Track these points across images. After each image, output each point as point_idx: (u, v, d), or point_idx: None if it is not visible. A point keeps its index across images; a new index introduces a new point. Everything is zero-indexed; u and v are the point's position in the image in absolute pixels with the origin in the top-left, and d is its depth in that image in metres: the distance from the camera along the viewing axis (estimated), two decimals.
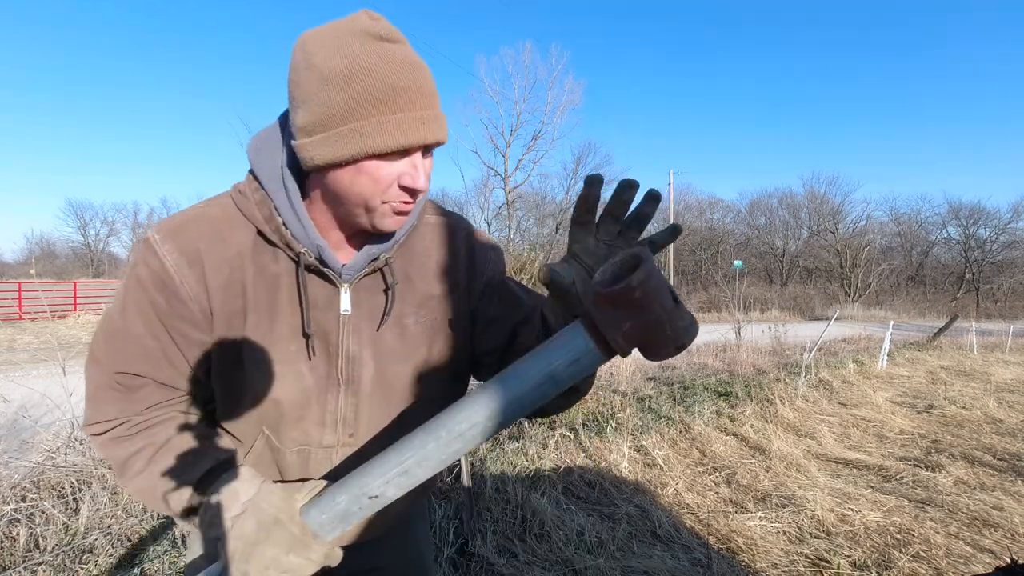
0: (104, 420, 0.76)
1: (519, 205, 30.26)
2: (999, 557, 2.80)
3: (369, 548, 0.91)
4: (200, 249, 0.73)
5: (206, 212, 0.76)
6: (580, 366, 0.65)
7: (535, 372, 0.66)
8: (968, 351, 11.75)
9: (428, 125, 0.69)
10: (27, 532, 2.29)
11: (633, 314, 0.60)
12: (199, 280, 0.73)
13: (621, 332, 0.62)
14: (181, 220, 0.75)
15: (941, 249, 42.05)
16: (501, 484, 3.03)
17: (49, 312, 14.02)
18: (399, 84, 0.66)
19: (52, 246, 43.95)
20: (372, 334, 0.81)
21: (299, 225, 0.73)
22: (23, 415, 3.11)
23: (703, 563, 2.65)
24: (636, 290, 0.59)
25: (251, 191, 0.75)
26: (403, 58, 0.68)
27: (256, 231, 0.76)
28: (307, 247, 0.74)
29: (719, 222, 44.98)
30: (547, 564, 2.52)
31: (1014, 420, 5.76)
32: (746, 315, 11.05)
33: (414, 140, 0.68)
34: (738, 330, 9.24)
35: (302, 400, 0.79)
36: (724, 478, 3.77)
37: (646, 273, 0.59)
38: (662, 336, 0.61)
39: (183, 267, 0.72)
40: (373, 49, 0.66)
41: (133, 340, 0.74)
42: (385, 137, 0.66)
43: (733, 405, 5.54)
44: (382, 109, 0.66)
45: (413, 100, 0.67)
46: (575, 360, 0.65)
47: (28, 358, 7.49)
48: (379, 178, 0.69)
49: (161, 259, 0.72)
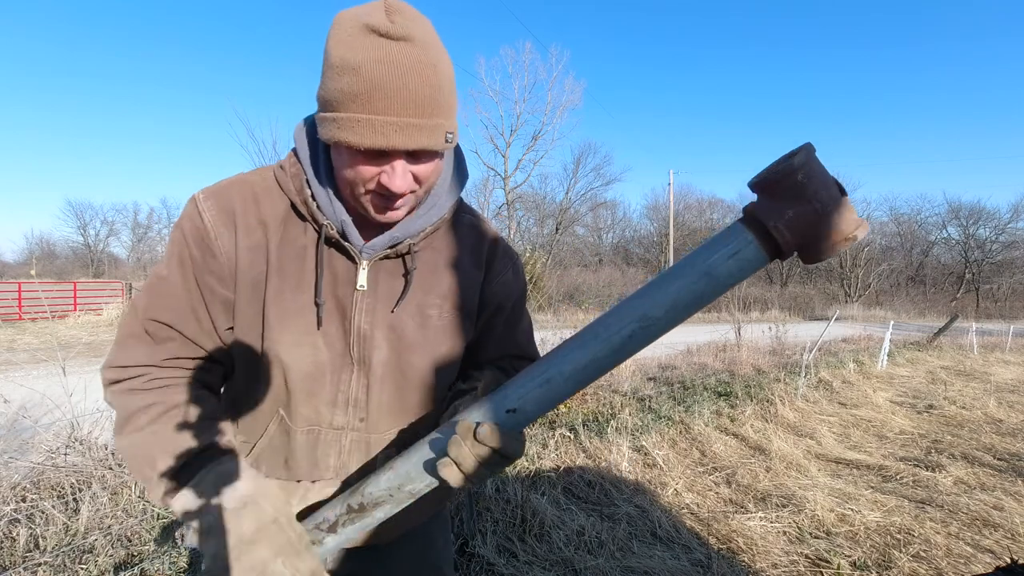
0: (126, 365, 0.76)
1: (519, 205, 30.28)
2: (999, 557, 2.80)
3: (386, 552, 0.91)
4: (236, 210, 0.77)
5: (248, 179, 0.81)
6: (739, 261, 0.60)
7: (691, 269, 0.61)
8: (968, 351, 11.75)
9: (404, 132, 0.66)
10: (27, 532, 2.29)
11: (796, 202, 0.56)
12: (231, 238, 0.77)
13: (783, 219, 0.57)
14: (225, 183, 0.80)
15: (941, 249, 42.10)
16: (501, 484, 3.02)
17: (49, 312, 14.01)
18: (382, 85, 0.65)
19: (52, 246, 43.98)
20: (387, 316, 0.81)
21: (327, 199, 0.77)
22: (23, 415, 3.11)
23: (703, 563, 2.65)
24: (797, 172, 0.56)
25: (289, 165, 0.80)
26: (401, 59, 0.65)
27: (290, 203, 0.79)
28: (331, 221, 0.77)
29: (719, 222, 44.94)
30: (547, 564, 2.52)
31: (1014, 420, 5.76)
32: (746, 315, 11.06)
33: (383, 144, 0.66)
34: (738, 330, 9.24)
35: (315, 373, 0.79)
36: (724, 478, 3.77)
37: (807, 155, 0.56)
38: (827, 225, 0.57)
39: (219, 225, 0.76)
40: (371, 45, 0.65)
41: (168, 289, 0.77)
42: (354, 135, 0.67)
43: (733, 405, 5.53)
44: (357, 108, 0.66)
45: (392, 104, 0.65)
46: (735, 253, 0.60)
47: (28, 358, 7.48)
48: (358, 170, 0.71)
49: (202, 215, 0.76)
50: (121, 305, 14.46)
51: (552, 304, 15.53)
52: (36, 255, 41.33)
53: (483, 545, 2.55)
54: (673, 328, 0.64)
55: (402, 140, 0.67)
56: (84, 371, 6.14)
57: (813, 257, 0.59)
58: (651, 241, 42.91)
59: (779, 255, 0.60)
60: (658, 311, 0.62)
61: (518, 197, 30.45)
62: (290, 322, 0.77)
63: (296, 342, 0.78)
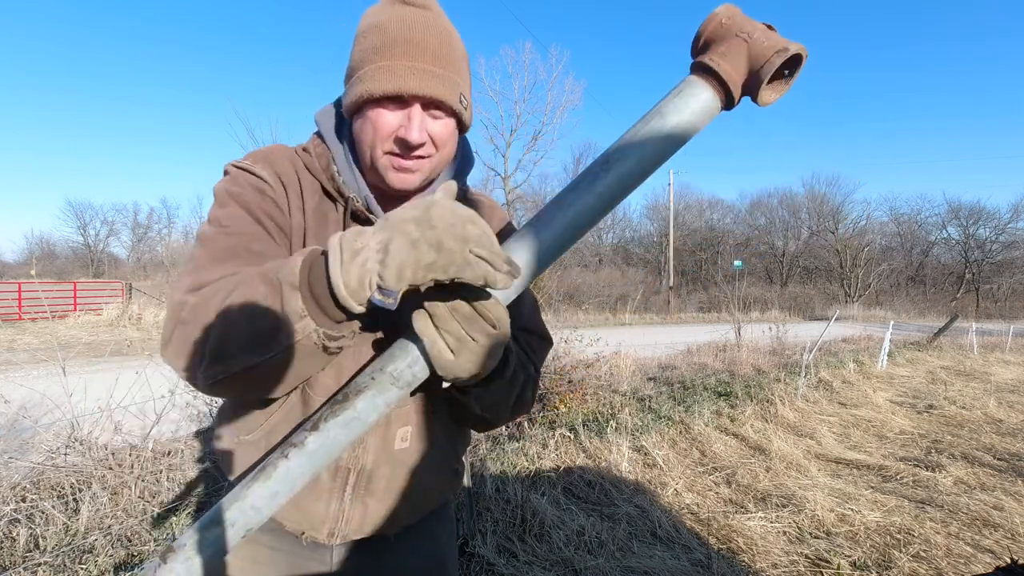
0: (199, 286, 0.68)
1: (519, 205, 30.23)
2: (999, 557, 2.80)
3: (392, 546, 0.90)
4: (282, 173, 0.81)
5: (285, 150, 0.84)
6: (685, 97, 0.64)
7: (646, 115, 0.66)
8: (968, 351, 11.75)
9: (420, 76, 0.72)
10: (27, 532, 2.29)
11: (724, 40, 0.62)
12: (284, 196, 0.80)
13: (717, 52, 0.62)
14: (267, 150, 0.83)
15: (941, 249, 42.09)
16: (501, 484, 3.02)
17: (49, 312, 13.99)
18: (400, 37, 0.72)
19: (52, 246, 43.93)
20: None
21: (351, 175, 0.81)
22: (23, 415, 3.11)
23: (703, 563, 2.64)
24: (720, 17, 0.62)
25: (313, 147, 0.83)
26: (417, 19, 0.74)
27: (320, 185, 0.83)
28: (356, 195, 0.81)
29: (719, 222, 45.01)
30: (547, 564, 2.52)
31: (1014, 420, 5.76)
32: (746, 315, 11.06)
33: (400, 87, 0.71)
34: (738, 330, 9.23)
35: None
36: (724, 478, 3.77)
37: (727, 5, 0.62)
38: (758, 45, 0.61)
39: (275, 182, 0.79)
40: (392, 10, 0.75)
41: (233, 228, 0.73)
42: (375, 82, 0.72)
43: (733, 405, 5.53)
44: (378, 57, 0.72)
45: (410, 52, 0.72)
46: (680, 92, 0.65)
47: (28, 358, 7.48)
48: (378, 126, 0.74)
49: (257, 173, 0.78)
50: (121, 305, 14.45)
51: (552, 304, 15.53)
52: (36, 255, 41.32)
53: (483, 545, 2.55)
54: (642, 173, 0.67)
55: (417, 83, 0.72)
56: (84, 371, 6.14)
57: (756, 79, 0.61)
58: (651, 241, 42.90)
59: (726, 92, 0.64)
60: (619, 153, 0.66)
61: (518, 197, 30.44)
62: None
63: None
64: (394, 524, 0.87)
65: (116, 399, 2.97)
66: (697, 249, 42.13)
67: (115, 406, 2.94)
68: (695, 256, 42.07)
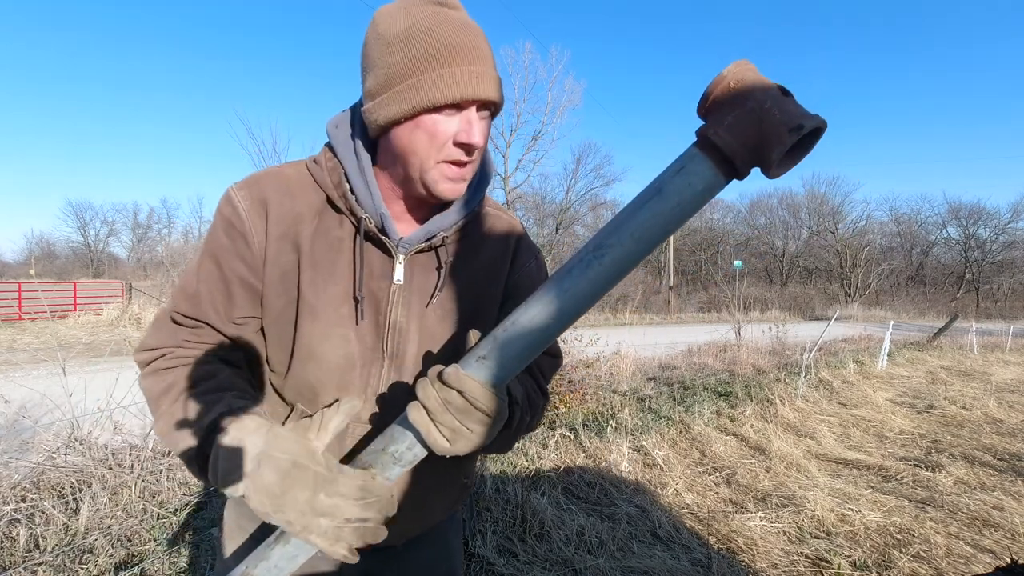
0: (152, 348, 0.79)
1: (519, 205, 30.24)
2: (999, 557, 2.80)
3: (401, 553, 0.91)
4: (268, 199, 0.78)
5: (281, 171, 0.82)
6: (687, 175, 0.58)
7: (645, 191, 0.61)
8: (968, 351, 11.75)
9: (482, 80, 0.72)
10: (27, 532, 2.29)
11: (733, 107, 0.55)
12: (263, 227, 0.78)
13: (723, 125, 0.56)
14: (259, 175, 0.82)
15: (941, 249, 42.09)
16: (501, 484, 3.03)
17: (49, 312, 13.98)
18: (454, 42, 0.70)
19: (52, 246, 43.97)
20: (421, 309, 0.82)
21: (366, 192, 0.78)
22: (23, 415, 3.12)
23: (703, 563, 2.64)
24: (729, 79, 0.55)
25: (324, 160, 0.80)
26: (459, 20, 0.72)
27: (326, 197, 0.80)
28: (370, 214, 0.78)
29: (719, 222, 44.98)
30: (547, 564, 2.52)
31: (1014, 420, 5.76)
32: (746, 315, 11.06)
33: (467, 93, 0.70)
34: (738, 330, 9.24)
35: (345, 366, 0.79)
36: (724, 478, 3.77)
37: (738, 65, 0.55)
38: (768, 119, 0.53)
39: (253, 213, 0.78)
40: (432, 12, 0.72)
41: (200, 278, 0.79)
42: (439, 90, 0.70)
43: (733, 405, 5.53)
44: (437, 63, 0.70)
45: (467, 56, 0.71)
46: (681, 168, 0.59)
47: (28, 358, 7.48)
48: (435, 133, 0.72)
49: (235, 205, 0.78)
50: (121, 305, 14.45)
51: None
52: (36, 255, 41.35)
53: (483, 545, 2.56)
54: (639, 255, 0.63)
55: (482, 88, 0.71)
56: (84, 371, 6.13)
57: (766, 159, 0.55)
58: None
59: (731, 167, 0.58)
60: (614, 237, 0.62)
61: (518, 197, 30.43)
62: (322, 314, 0.78)
63: (326, 334, 0.78)
64: (401, 537, 0.87)
65: (116, 399, 2.97)
66: (697, 249, 42.14)
67: (115, 406, 2.94)
68: (695, 256, 42.08)
